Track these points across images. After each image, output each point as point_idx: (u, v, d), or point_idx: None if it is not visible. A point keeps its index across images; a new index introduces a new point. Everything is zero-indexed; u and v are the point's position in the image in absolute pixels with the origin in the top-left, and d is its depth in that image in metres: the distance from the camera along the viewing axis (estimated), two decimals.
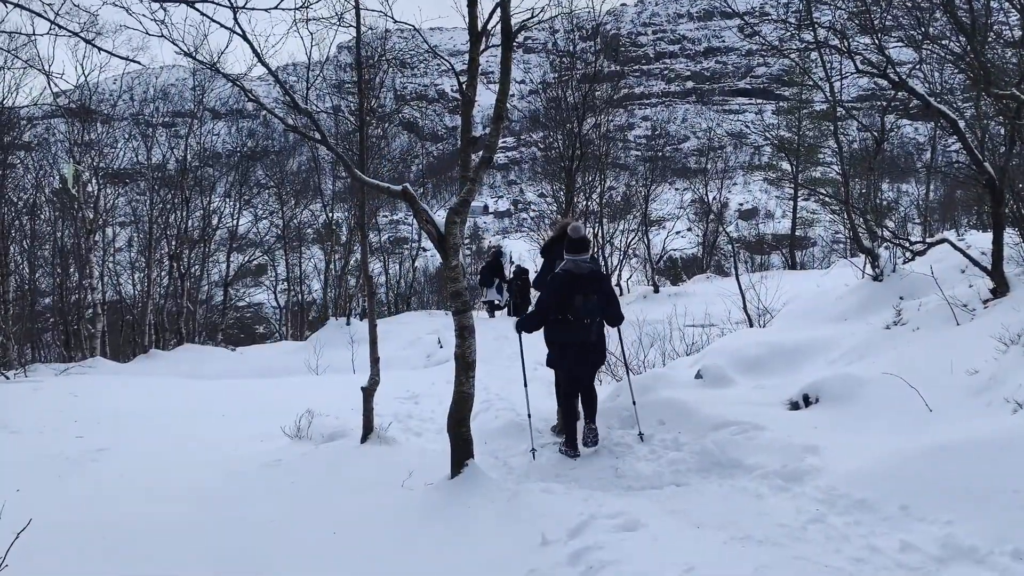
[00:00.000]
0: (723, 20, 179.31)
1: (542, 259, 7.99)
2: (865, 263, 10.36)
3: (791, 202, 32.40)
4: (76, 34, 4.93)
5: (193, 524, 5.45)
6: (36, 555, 4.20)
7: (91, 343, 23.55)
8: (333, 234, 31.28)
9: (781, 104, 36.98)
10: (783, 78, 39.11)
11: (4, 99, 21.87)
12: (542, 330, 6.73)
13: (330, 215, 31.49)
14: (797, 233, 32.70)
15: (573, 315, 6.37)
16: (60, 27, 4.45)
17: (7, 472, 6.96)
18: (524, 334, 7.06)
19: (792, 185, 31.42)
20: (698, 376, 8.03)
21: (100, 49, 4.90)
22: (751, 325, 12.31)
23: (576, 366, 6.64)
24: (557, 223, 9.38)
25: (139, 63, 6.14)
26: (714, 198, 31.92)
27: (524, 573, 3.85)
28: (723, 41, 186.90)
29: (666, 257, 28.57)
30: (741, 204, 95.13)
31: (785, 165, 32.45)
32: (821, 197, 28.41)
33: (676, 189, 40.76)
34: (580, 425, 6.71)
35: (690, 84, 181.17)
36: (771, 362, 8.36)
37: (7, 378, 15.68)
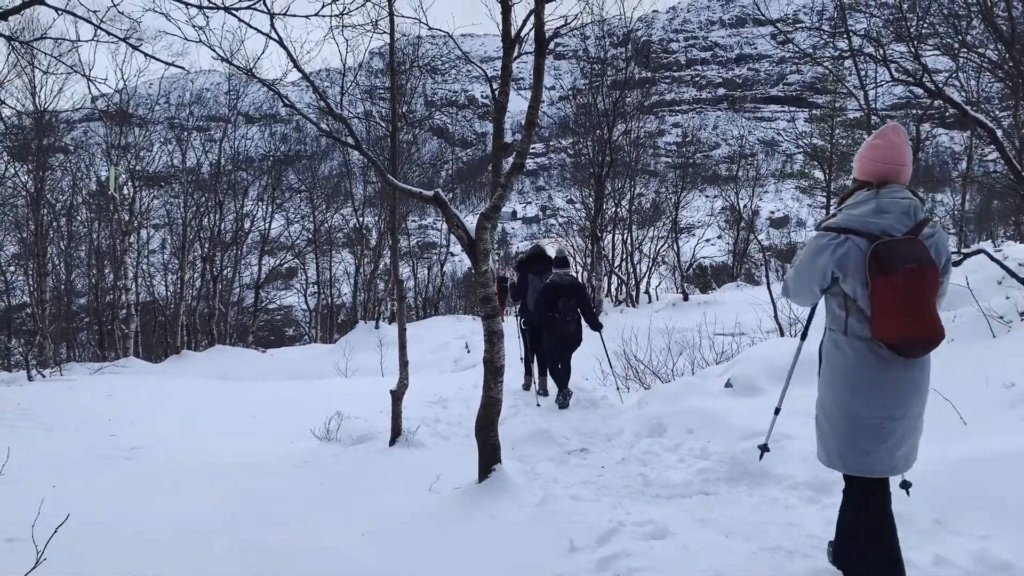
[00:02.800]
0: (756, 27, 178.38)
1: (517, 273, 10.35)
2: None
3: (823, 211, 32.07)
4: (122, 39, 5.04)
5: (224, 523, 5.52)
6: (71, 550, 4.28)
7: (124, 343, 23.94)
8: (363, 238, 31.53)
9: (814, 112, 36.61)
10: (816, 86, 38.77)
11: (47, 103, 22.33)
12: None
13: (360, 219, 31.75)
14: None
15: (558, 313, 8.95)
16: (106, 32, 4.55)
17: (43, 468, 7.09)
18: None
19: (824, 193, 31.11)
20: (728, 385, 7.97)
21: (145, 54, 4.99)
22: (782, 334, 12.21)
23: (559, 348, 9.11)
24: (533, 244, 11.96)
25: (182, 68, 6.26)
26: (745, 206, 31.72)
27: None
28: (755, 48, 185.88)
29: (695, 265, 28.42)
30: (772, 212, 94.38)
31: (818, 173, 32.15)
32: None
33: (707, 196, 40.57)
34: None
35: (721, 91, 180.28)
36: (802, 372, 8.27)
37: (43, 376, 16.00)
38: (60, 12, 3.81)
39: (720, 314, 14.29)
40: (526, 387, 10.44)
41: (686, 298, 21.49)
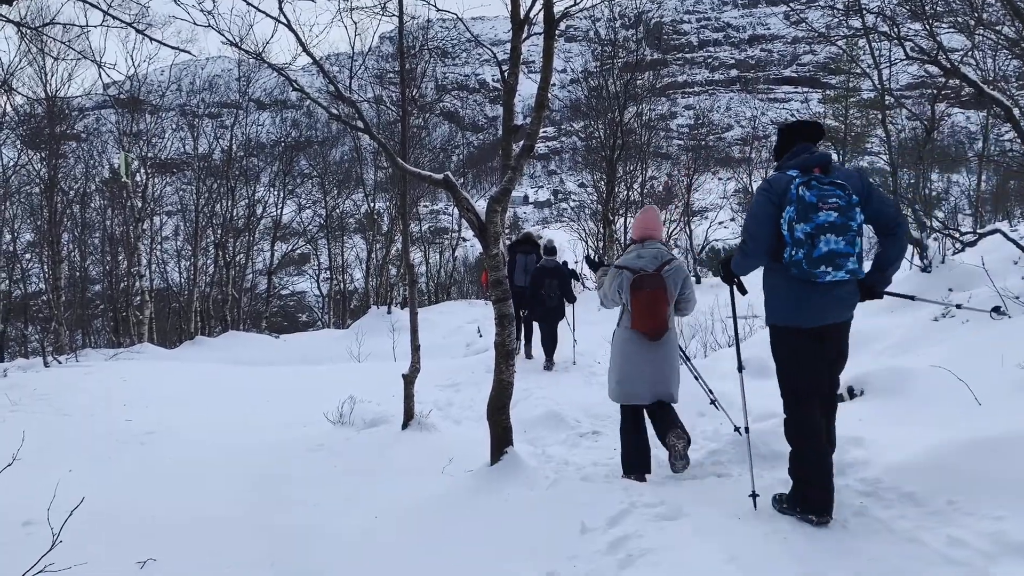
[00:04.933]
0: (768, 7, 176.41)
1: (507, 253, 11.70)
2: (913, 254, 10.15)
3: None
4: (129, 24, 5.03)
5: (238, 506, 5.57)
6: (87, 533, 4.32)
7: (139, 329, 24.11)
8: (375, 224, 31.54)
9: (827, 92, 36.27)
10: (830, 66, 38.38)
11: (57, 90, 22.39)
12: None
13: (372, 205, 31.76)
14: None
15: (544, 291, 11.06)
16: (114, 17, 4.54)
17: (59, 453, 7.17)
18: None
19: None
20: (740, 367, 7.94)
21: (152, 39, 4.98)
22: None
23: (545, 317, 11.19)
24: (521, 231, 13.94)
25: (190, 53, 6.24)
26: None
27: (564, 560, 3.86)
28: (768, 29, 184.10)
29: (708, 248, 28.29)
30: None
31: (832, 154, 31.89)
32: None
33: (719, 179, 40.33)
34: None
35: (734, 72, 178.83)
36: None
37: (59, 362, 16.14)
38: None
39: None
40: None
41: (699, 281, 21.42)
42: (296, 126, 36.48)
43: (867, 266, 4.18)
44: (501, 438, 5.57)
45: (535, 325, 11.63)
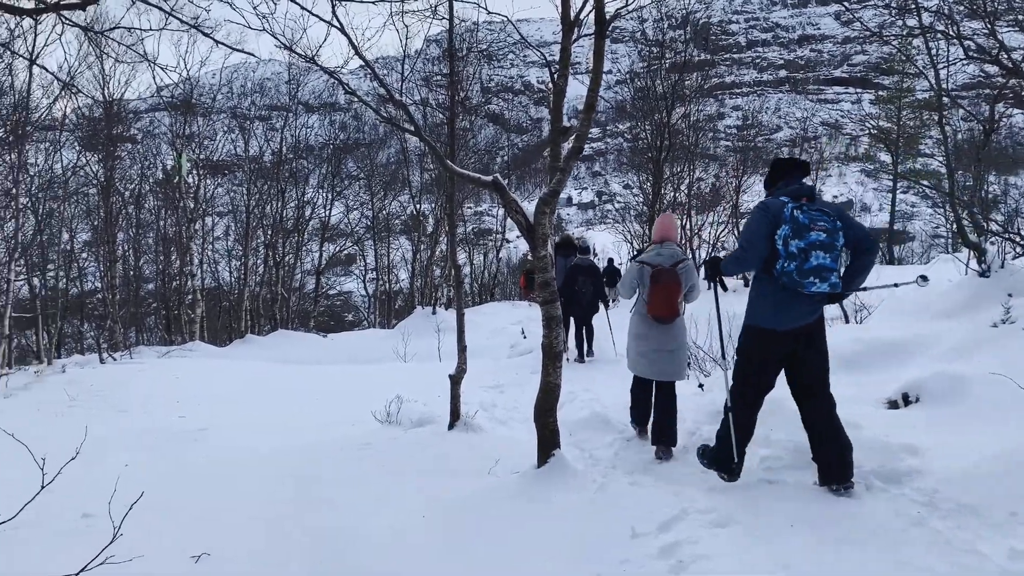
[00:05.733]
0: (819, 7, 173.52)
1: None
2: (969, 258, 9.89)
3: (889, 195, 31.14)
4: (193, 26, 5.13)
5: (288, 503, 5.64)
6: (144, 527, 4.42)
7: (191, 327, 24.59)
8: (420, 225, 31.75)
9: (880, 93, 35.51)
10: (882, 66, 37.59)
11: (115, 94, 22.96)
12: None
13: (417, 206, 31.97)
14: (895, 227, 31.40)
15: (577, 287, 11.80)
16: (177, 18, 4.64)
17: (116, 448, 7.35)
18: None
19: (891, 177, 30.22)
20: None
21: (216, 41, 5.08)
22: (847, 321, 11.92)
23: (579, 314, 12.02)
24: (561, 234, 14.20)
25: (251, 54, 6.33)
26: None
27: (615, 564, 3.84)
28: (818, 29, 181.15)
29: None
30: (836, 196, 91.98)
31: (884, 156, 31.17)
32: (922, 189, 27.21)
33: None
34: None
35: (783, 73, 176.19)
36: (868, 359, 8.09)
37: (114, 359, 16.56)
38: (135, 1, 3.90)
39: None
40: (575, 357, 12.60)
41: (747, 284, 21.13)
42: (344, 128, 36.88)
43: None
44: (548, 440, 5.55)
45: (571, 322, 12.08)
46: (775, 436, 6.14)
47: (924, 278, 5.47)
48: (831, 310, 12.69)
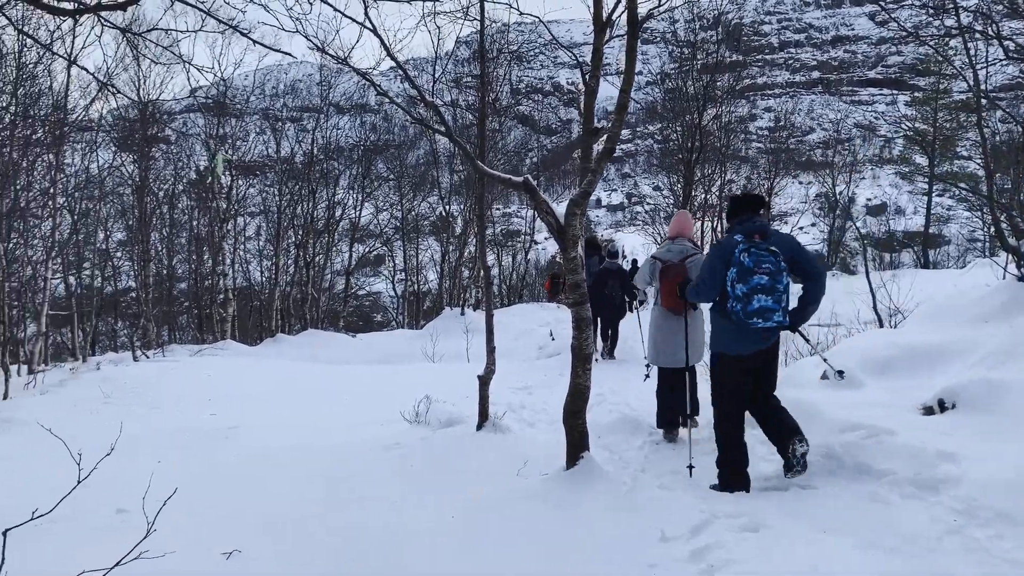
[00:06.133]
0: (854, 7, 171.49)
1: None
2: (1008, 262, 9.69)
3: (924, 197, 30.64)
4: (231, 27, 5.19)
5: (317, 502, 5.68)
6: (177, 523, 4.46)
7: (222, 326, 24.86)
8: (449, 226, 31.82)
9: (915, 94, 34.96)
10: (918, 67, 37.02)
11: (150, 95, 23.28)
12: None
13: (447, 207, 32.06)
14: (930, 230, 30.89)
15: (607, 291, 12.17)
16: (215, 19, 4.70)
17: (149, 444, 7.44)
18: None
19: (926, 179, 29.75)
20: (824, 377, 7.72)
21: (255, 42, 5.13)
22: (881, 325, 11.74)
23: (607, 316, 12.50)
24: (588, 233, 14.12)
25: (289, 54, 6.37)
26: (841, 192, 30.61)
27: (644, 567, 3.81)
28: (852, 29, 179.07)
29: None
30: (869, 199, 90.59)
31: (919, 158, 30.69)
32: (959, 192, 26.78)
33: (800, 183, 39.32)
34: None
35: (816, 74, 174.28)
36: (903, 364, 7.95)
37: (147, 357, 16.79)
38: (174, 1, 3.96)
39: None
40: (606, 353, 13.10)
41: None
42: (374, 130, 37.11)
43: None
44: (577, 443, 5.53)
45: (598, 323, 12.48)
46: (809, 441, 6.06)
47: (841, 374, 6.88)
48: (866, 313, 12.52)
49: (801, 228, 28.91)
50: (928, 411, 6.53)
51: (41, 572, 3.86)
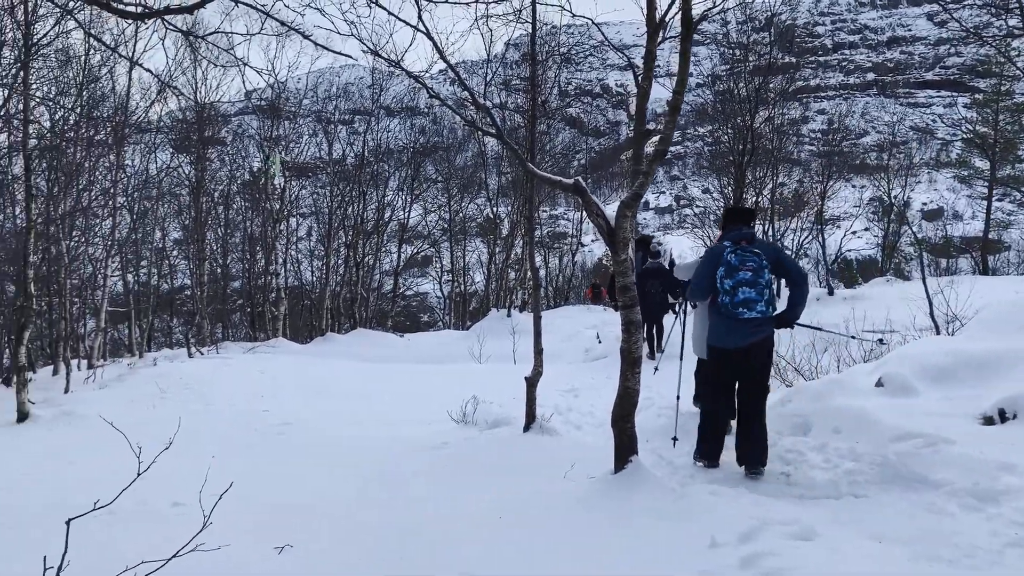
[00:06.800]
0: (911, 7, 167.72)
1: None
2: None
3: (983, 202, 29.73)
4: (296, 29, 5.30)
5: (367, 499, 5.75)
6: (230, 516, 4.56)
7: (274, 324, 25.27)
8: (496, 228, 31.91)
9: (975, 96, 34.00)
10: (978, 68, 36.03)
11: (207, 98, 23.77)
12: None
13: (494, 209, 32.16)
14: (990, 236, 29.97)
15: (648, 289, 12.31)
16: (277, 21, 4.79)
17: (203, 439, 7.61)
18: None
19: (985, 183, 28.92)
20: (878, 384, 7.56)
21: (317, 44, 5.26)
22: (938, 332, 11.44)
23: (649, 315, 12.20)
24: (637, 234, 14.15)
25: (350, 56, 6.53)
26: (896, 196, 29.92)
27: (694, 573, 3.76)
28: (909, 30, 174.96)
29: (841, 258, 27.02)
30: (925, 204, 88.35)
31: (979, 162, 29.83)
32: (1021, 196, 25.98)
33: (853, 186, 38.54)
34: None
35: (871, 76, 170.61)
36: (961, 373, 7.73)
37: (202, 354, 17.16)
38: (237, 3, 4.06)
39: (869, 310, 13.49)
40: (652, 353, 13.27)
41: (831, 292, 20.51)
42: (424, 132, 37.38)
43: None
44: (625, 446, 5.50)
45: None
46: (861, 449, 5.96)
47: (882, 342, 6.67)
48: (923, 320, 12.22)
49: (854, 232, 28.23)
50: (987, 421, 6.36)
51: (102, 561, 3.97)
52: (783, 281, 7.13)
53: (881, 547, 4.05)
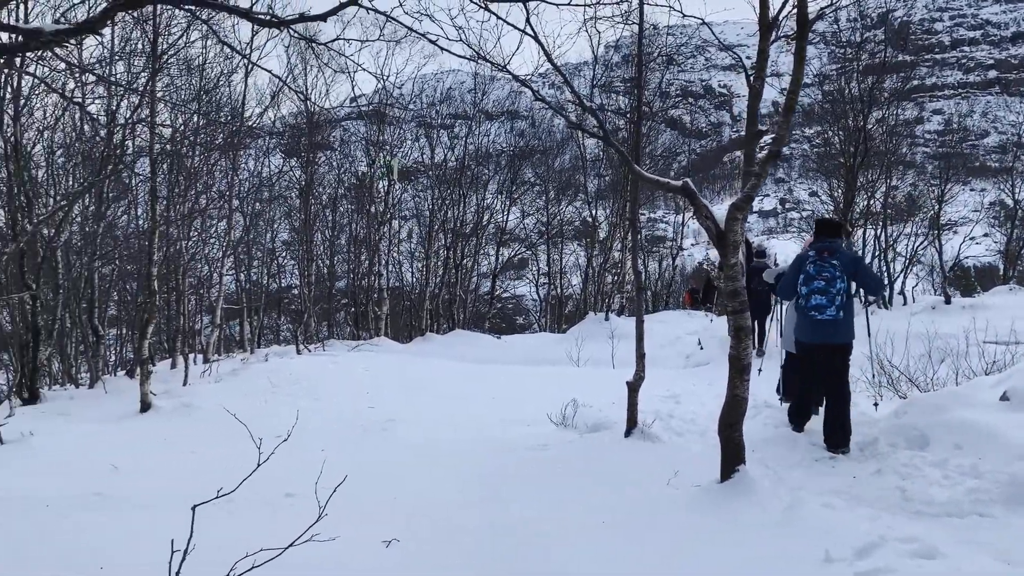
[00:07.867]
0: None
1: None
2: None
3: None
4: (427, 37, 5.43)
5: (468, 498, 5.83)
6: (339, 509, 4.69)
7: (376, 323, 25.89)
8: (594, 231, 31.77)
9: None
10: None
11: (318, 103, 24.58)
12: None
13: (592, 212, 32.02)
14: None
15: (755, 287, 12.45)
16: (400, 24, 4.93)
17: (313, 434, 7.87)
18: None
19: None
20: (1003, 398, 7.14)
21: (443, 50, 5.42)
22: None
23: (755, 312, 12.26)
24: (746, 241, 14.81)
25: (470, 58, 6.63)
26: (1020, 200, 28.15)
27: None
28: None
29: (958, 265, 25.59)
30: None
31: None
32: None
33: (972, 190, 36.57)
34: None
35: (992, 73, 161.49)
36: None
37: (309, 351, 17.75)
38: (369, 11, 4.20)
39: (992, 319, 12.75)
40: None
41: (948, 301, 19.49)
42: (522, 136, 37.48)
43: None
44: (732, 455, 5.39)
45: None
46: (984, 467, 5.64)
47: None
48: None
49: (973, 239, 26.69)
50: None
51: (223, 546, 4.15)
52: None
53: (1011, 570, 3.83)
